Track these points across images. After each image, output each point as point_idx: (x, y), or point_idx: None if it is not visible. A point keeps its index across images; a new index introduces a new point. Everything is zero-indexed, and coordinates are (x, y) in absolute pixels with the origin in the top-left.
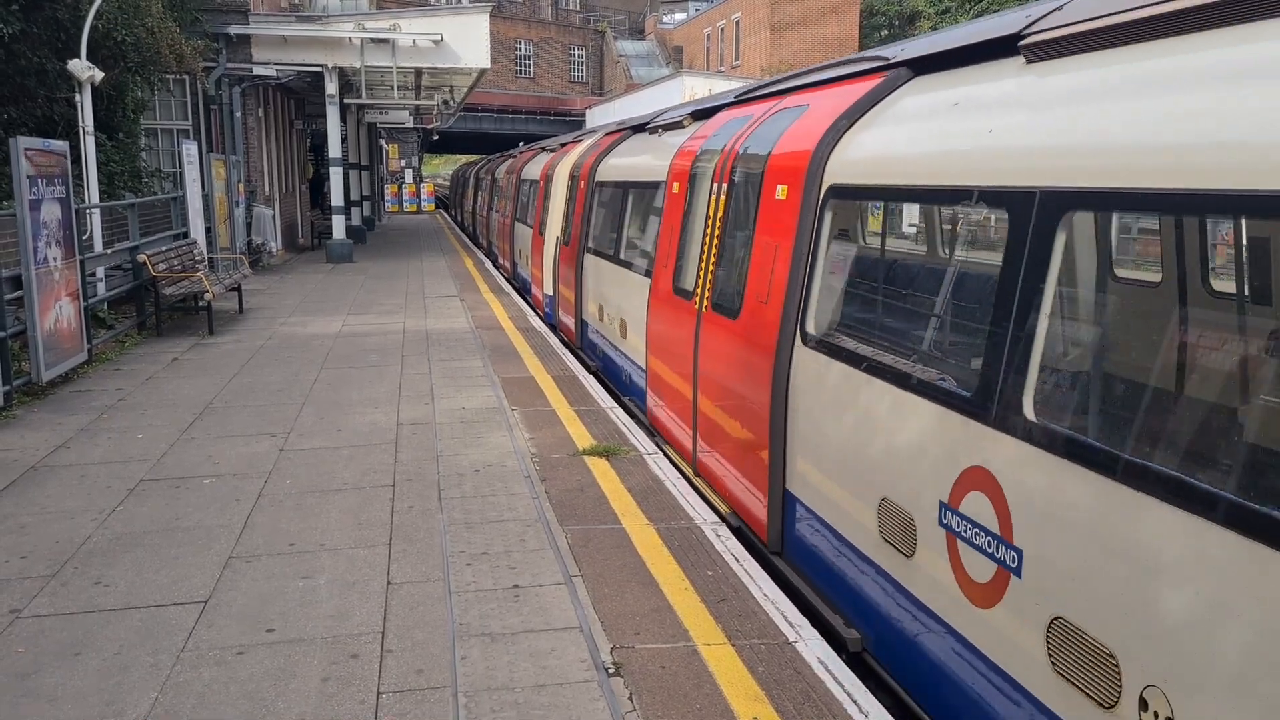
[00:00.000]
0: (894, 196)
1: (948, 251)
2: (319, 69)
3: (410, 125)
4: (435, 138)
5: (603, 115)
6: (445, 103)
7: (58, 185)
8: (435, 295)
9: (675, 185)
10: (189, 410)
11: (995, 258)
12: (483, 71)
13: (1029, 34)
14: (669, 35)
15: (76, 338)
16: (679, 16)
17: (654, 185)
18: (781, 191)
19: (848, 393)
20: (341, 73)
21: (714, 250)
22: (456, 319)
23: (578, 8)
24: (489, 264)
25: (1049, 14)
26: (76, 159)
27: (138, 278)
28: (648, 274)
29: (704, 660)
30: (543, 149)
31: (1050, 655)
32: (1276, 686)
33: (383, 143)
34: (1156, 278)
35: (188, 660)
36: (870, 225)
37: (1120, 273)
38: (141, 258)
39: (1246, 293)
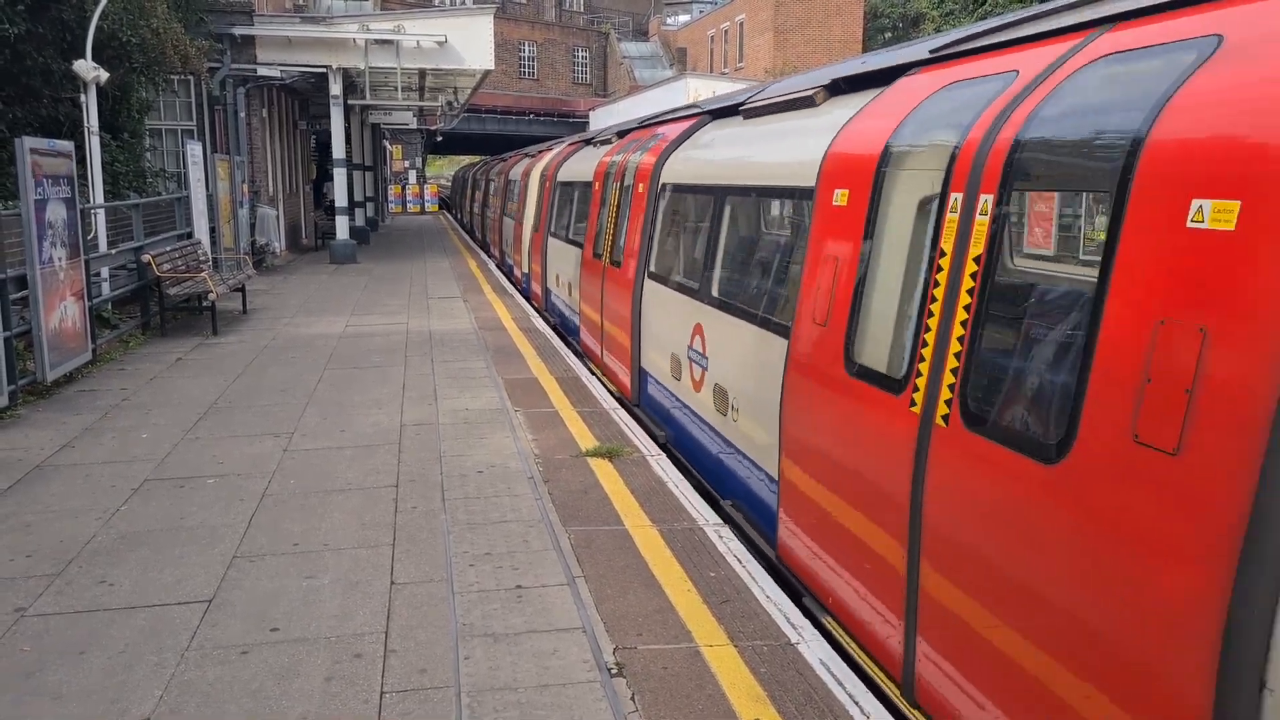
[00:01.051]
0: (686, 191)
1: (703, 220)
2: (323, 70)
3: (414, 126)
4: (439, 139)
5: (606, 117)
6: (449, 104)
7: (63, 185)
8: (438, 296)
9: (597, 184)
10: (193, 410)
11: (707, 223)
12: (486, 73)
13: (743, 105)
14: (673, 37)
15: (81, 337)
16: (683, 18)
17: (587, 184)
18: (641, 188)
19: (660, 300)
20: (345, 74)
21: (612, 225)
22: (460, 320)
23: (581, 9)
24: (492, 265)
25: (758, 93)
26: (81, 159)
27: (142, 278)
28: (580, 246)
29: (706, 661)
30: (525, 155)
31: (714, 402)
32: (760, 389)
33: (386, 143)
34: (756, 228)
35: (192, 659)
36: (683, 207)
37: (750, 225)
38: (146, 258)
39: (779, 231)
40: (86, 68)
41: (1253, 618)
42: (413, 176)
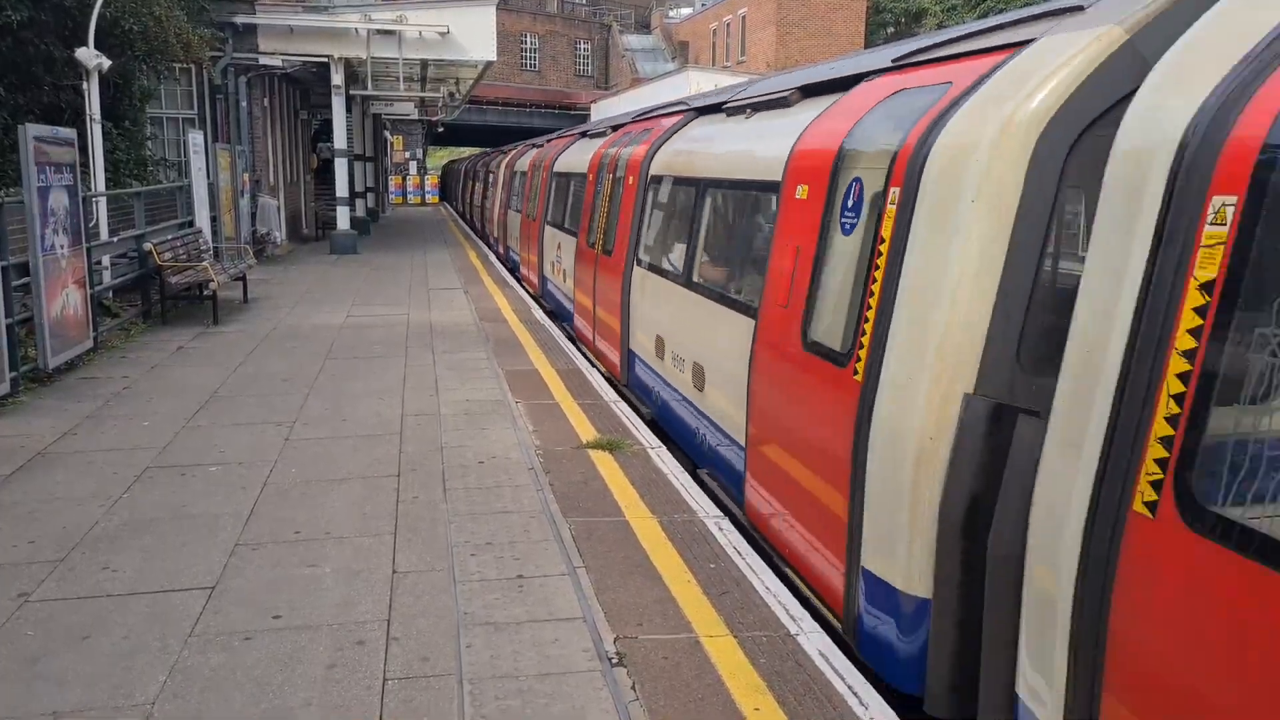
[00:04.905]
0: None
1: (686, 211)
2: (325, 60)
3: (415, 117)
4: (440, 130)
5: (608, 109)
6: (451, 95)
7: (65, 173)
8: (439, 287)
9: (591, 175)
10: (195, 399)
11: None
12: (488, 64)
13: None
14: (675, 30)
15: (83, 325)
16: (685, 11)
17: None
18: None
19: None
20: (347, 64)
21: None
22: (460, 311)
23: (583, 1)
24: (492, 257)
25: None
26: (83, 147)
27: (143, 266)
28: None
29: (706, 651)
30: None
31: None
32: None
33: (387, 134)
34: (733, 219)
35: (195, 645)
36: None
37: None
38: (147, 246)
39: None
40: (89, 55)
41: None
42: (413, 167)
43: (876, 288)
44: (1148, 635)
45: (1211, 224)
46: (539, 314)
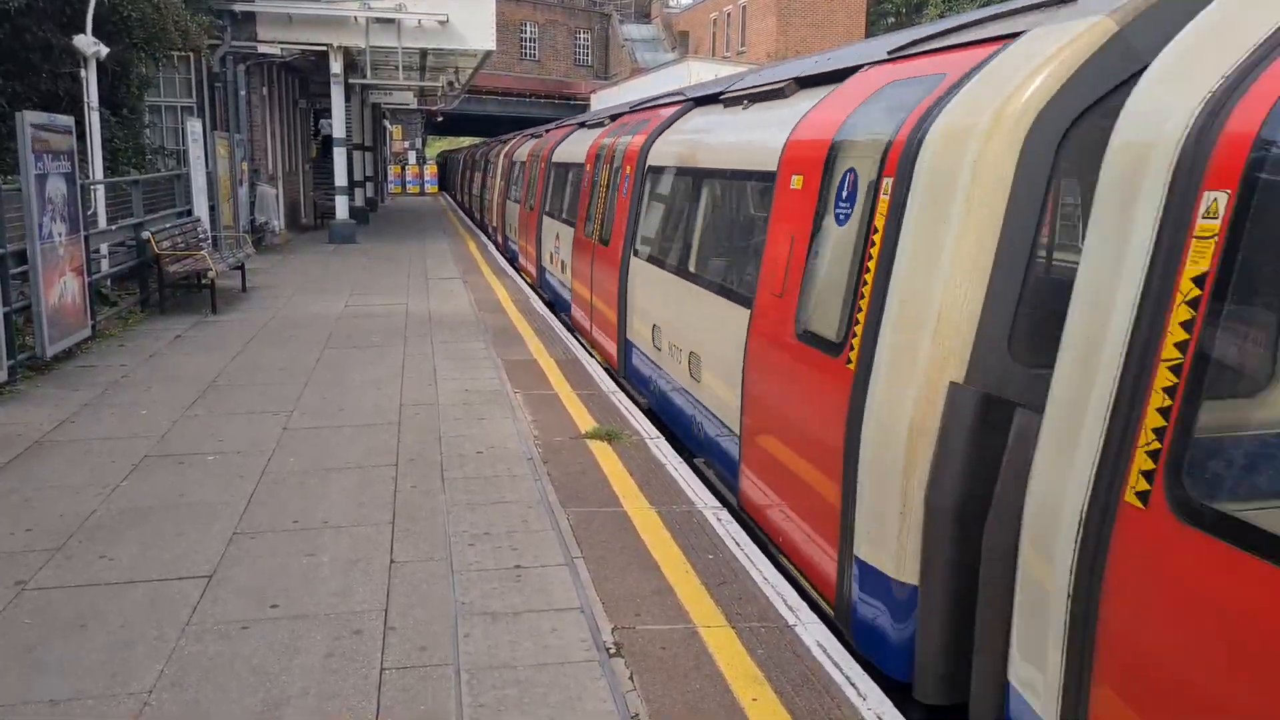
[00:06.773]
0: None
1: (688, 201)
2: (323, 48)
3: (414, 107)
4: (439, 119)
5: (607, 100)
6: (450, 84)
7: (63, 160)
8: (438, 277)
9: (589, 165)
10: (192, 387)
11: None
12: (488, 54)
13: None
14: (675, 20)
15: (80, 314)
16: (685, 1)
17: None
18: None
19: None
20: (346, 52)
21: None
22: (459, 301)
23: None
24: (491, 247)
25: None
26: (81, 135)
27: (141, 255)
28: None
29: (704, 642)
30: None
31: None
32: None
33: (386, 123)
34: (730, 209)
35: (193, 634)
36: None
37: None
38: (145, 235)
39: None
40: (87, 42)
41: None
42: (412, 157)
43: (870, 277)
44: (1138, 625)
45: (1204, 217)
46: (538, 304)
